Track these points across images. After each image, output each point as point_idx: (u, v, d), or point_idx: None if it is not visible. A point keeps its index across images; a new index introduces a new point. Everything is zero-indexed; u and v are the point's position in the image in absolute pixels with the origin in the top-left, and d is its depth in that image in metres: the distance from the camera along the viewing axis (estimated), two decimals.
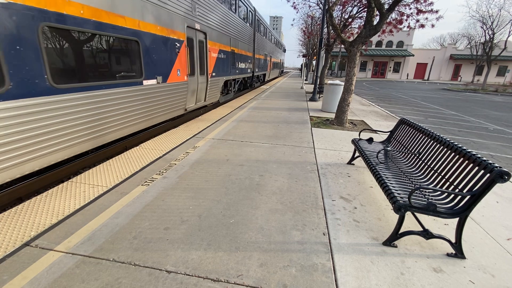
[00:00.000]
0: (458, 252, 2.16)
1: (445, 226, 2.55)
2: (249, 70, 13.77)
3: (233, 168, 3.70)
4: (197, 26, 6.76)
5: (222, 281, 1.80)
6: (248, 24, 12.86)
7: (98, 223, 2.35)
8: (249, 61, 13.66)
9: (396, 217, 2.61)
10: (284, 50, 38.34)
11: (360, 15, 12.72)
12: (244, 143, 4.92)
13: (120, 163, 3.72)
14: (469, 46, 38.64)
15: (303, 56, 33.13)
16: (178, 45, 5.82)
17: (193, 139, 5.01)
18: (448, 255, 2.17)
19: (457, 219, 2.13)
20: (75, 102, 3.44)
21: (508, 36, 25.85)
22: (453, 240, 2.17)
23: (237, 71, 11.19)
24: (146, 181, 3.20)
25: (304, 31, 25.95)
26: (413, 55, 42.55)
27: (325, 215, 2.65)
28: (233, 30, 10.04)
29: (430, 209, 2.06)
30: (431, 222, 2.57)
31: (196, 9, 6.67)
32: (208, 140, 4.98)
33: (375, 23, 6.00)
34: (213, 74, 8.11)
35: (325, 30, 13.50)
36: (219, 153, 4.29)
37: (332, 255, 2.10)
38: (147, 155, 4.06)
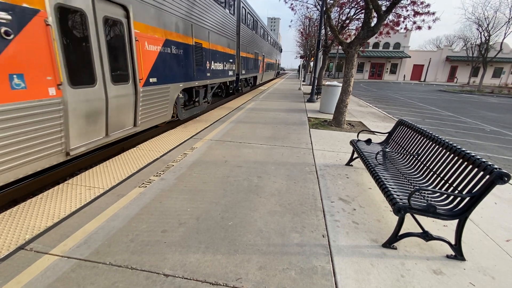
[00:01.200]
0: (458, 254, 2.15)
1: (445, 228, 2.55)
2: (231, 73, 10.29)
3: (231, 170, 3.68)
4: None
5: (220, 284, 1.77)
6: (227, 11, 9.29)
7: (94, 226, 2.32)
8: (231, 60, 10.22)
9: (395, 218, 2.59)
10: (281, 50, 35.75)
11: (357, 17, 12.78)
12: (243, 144, 4.90)
13: (117, 165, 3.68)
14: (465, 48, 39.01)
15: (301, 57, 33.26)
16: (8, 17, 2.49)
17: (191, 140, 4.98)
18: (448, 257, 2.16)
19: (456, 221, 2.12)
20: None
21: (504, 38, 26.11)
22: (453, 242, 2.16)
23: (208, 74, 7.78)
24: (143, 183, 3.17)
25: (301, 32, 26.03)
26: (409, 57, 42.85)
27: (324, 217, 2.64)
28: (198, 14, 6.68)
29: (430, 211, 2.05)
30: (430, 224, 2.56)
31: None
32: (206, 141, 4.95)
33: (372, 24, 6.02)
34: (153, 79, 4.92)
35: (323, 31, 13.50)
36: (217, 154, 4.27)
37: (331, 257, 2.08)
38: (145, 156, 4.02)
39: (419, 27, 10.10)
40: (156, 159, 3.93)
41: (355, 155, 3.98)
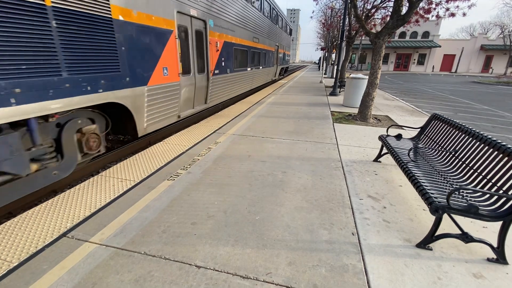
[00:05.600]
0: (500, 257, 2.01)
1: (484, 229, 2.39)
2: None
3: (255, 164, 3.68)
4: None
5: (251, 278, 1.79)
6: None
7: (128, 217, 2.42)
8: None
9: (429, 218, 2.49)
10: (290, 33, 22.68)
11: (383, 5, 12.16)
12: (265, 138, 4.88)
13: (145, 158, 3.81)
14: (501, 35, 36.01)
15: (322, 49, 32.37)
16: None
17: (214, 135, 5.04)
18: (489, 260, 2.03)
19: (500, 223, 1.98)
20: None
21: None
22: (495, 245, 2.03)
23: None
24: (171, 176, 3.26)
25: (323, 23, 25.27)
26: (439, 46, 40.23)
27: (353, 214, 2.57)
28: None
29: (471, 212, 1.93)
30: (468, 224, 2.41)
31: None
32: (229, 136, 4.99)
33: (403, 12, 5.69)
34: None
35: (346, 21, 12.96)
36: (240, 149, 4.29)
37: (362, 256, 2.03)
38: (171, 150, 4.13)
39: (452, 14, 9.41)
40: (182, 153, 4.03)
41: (384, 150, 3.83)
